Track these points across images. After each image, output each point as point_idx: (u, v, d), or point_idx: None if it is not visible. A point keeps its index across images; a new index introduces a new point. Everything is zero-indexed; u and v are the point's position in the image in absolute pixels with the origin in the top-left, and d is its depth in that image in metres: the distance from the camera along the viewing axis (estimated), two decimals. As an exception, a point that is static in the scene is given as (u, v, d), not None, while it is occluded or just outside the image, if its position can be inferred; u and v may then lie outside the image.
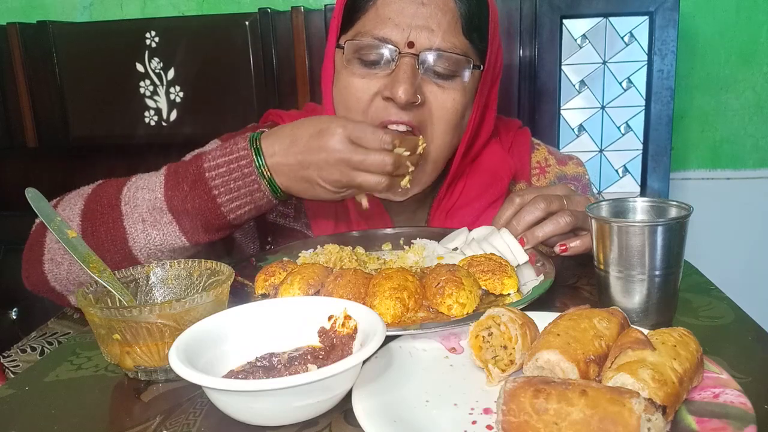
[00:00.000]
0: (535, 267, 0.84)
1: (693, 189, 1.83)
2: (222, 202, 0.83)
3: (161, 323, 0.61)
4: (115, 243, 0.84)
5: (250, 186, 0.83)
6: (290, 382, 0.50)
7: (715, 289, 0.81)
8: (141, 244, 0.84)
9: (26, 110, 1.81)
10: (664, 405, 0.47)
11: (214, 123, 1.75)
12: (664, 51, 1.53)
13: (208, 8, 1.85)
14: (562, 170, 1.16)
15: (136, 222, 0.84)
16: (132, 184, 0.88)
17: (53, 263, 0.88)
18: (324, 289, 0.72)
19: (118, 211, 0.85)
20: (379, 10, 0.92)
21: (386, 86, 0.91)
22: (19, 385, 0.64)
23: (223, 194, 0.83)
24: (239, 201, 0.84)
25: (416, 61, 0.91)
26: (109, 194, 0.88)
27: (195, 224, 0.84)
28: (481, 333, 0.59)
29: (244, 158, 0.83)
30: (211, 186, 0.83)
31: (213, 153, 0.85)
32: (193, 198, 0.83)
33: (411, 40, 0.91)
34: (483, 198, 1.06)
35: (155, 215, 0.84)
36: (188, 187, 0.83)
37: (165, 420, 0.56)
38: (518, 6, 1.56)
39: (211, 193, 0.83)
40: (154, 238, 0.84)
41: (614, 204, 0.75)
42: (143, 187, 0.86)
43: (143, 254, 0.85)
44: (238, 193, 0.83)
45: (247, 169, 0.83)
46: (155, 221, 0.84)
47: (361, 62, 0.93)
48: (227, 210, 0.84)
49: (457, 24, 0.93)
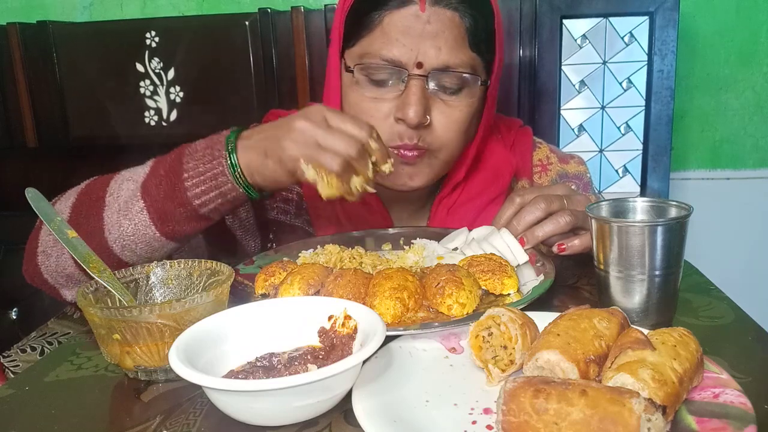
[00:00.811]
0: (535, 267, 0.84)
1: (693, 189, 1.83)
2: (188, 186, 0.80)
3: (161, 323, 0.61)
4: (93, 234, 0.83)
5: (215, 169, 0.80)
6: (290, 382, 0.50)
7: (715, 289, 0.81)
8: (115, 235, 0.83)
9: (26, 110, 1.81)
10: (664, 405, 0.47)
11: (214, 123, 1.73)
12: (664, 51, 1.53)
13: (208, 8, 1.85)
14: (563, 168, 1.17)
15: (113, 213, 0.83)
16: (121, 175, 0.87)
17: (44, 255, 0.88)
18: (324, 289, 0.72)
19: (102, 203, 0.84)
20: (385, 29, 0.92)
21: (398, 108, 0.93)
22: (19, 385, 0.64)
23: (191, 177, 0.80)
24: (204, 186, 0.80)
25: (425, 81, 0.92)
26: (98, 187, 0.87)
27: (163, 211, 0.81)
28: (481, 333, 0.59)
29: (218, 143, 0.81)
30: (183, 168, 0.81)
31: (198, 142, 0.84)
32: (165, 183, 0.81)
33: (419, 61, 0.91)
34: (485, 194, 1.07)
35: (129, 204, 0.82)
36: (164, 171, 0.82)
37: (165, 420, 0.56)
38: (518, 6, 1.56)
39: (181, 176, 0.81)
40: (126, 228, 0.82)
41: (614, 204, 0.75)
42: (128, 178, 0.85)
43: (118, 246, 0.83)
44: (203, 177, 0.80)
45: (217, 152, 0.80)
46: (128, 210, 0.82)
47: (370, 82, 0.94)
48: (192, 195, 0.80)
49: (464, 39, 0.93)
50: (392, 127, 0.94)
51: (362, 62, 0.94)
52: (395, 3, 0.91)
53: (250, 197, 0.82)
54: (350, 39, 0.97)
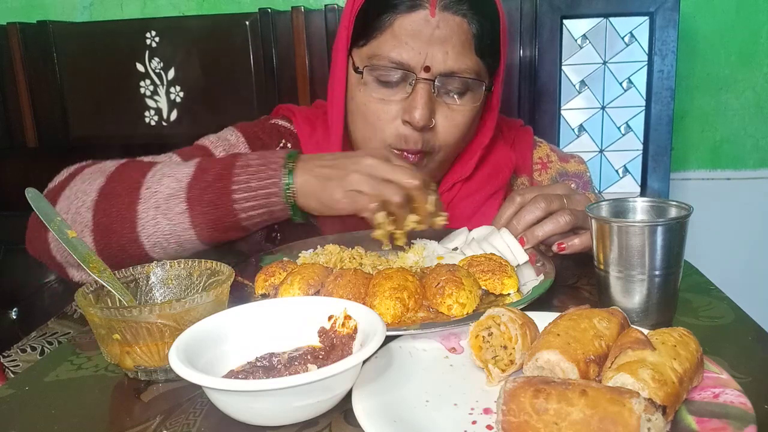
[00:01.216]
0: (535, 267, 0.84)
1: (693, 189, 1.83)
2: (236, 199, 0.82)
3: (161, 323, 0.61)
4: (123, 225, 0.83)
5: (269, 188, 0.82)
6: (290, 382, 0.50)
7: (715, 289, 0.81)
8: (149, 231, 0.83)
9: (26, 110, 1.81)
10: (664, 405, 0.47)
11: (214, 123, 1.73)
12: (665, 51, 1.53)
13: (208, 8, 1.85)
14: (563, 167, 1.18)
15: (149, 208, 0.83)
16: (158, 170, 0.87)
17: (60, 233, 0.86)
18: (324, 289, 0.72)
19: (136, 194, 0.84)
20: (395, 32, 0.94)
21: (404, 110, 0.95)
22: (19, 385, 0.64)
23: (241, 191, 0.82)
24: (254, 201, 0.82)
25: (432, 85, 0.94)
26: (131, 176, 0.86)
27: (206, 217, 0.83)
28: (481, 333, 0.59)
29: (274, 162, 0.83)
30: (234, 180, 0.82)
31: (249, 154, 0.86)
32: (213, 190, 0.82)
33: (427, 65, 0.93)
34: (484, 190, 1.08)
35: (170, 203, 0.83)
36: (212, 178, 0.83)
37: (165, 420, 0.56)
38: (518, 6, 1.56)
39: (230, 187, 0.82)
40: (163, 226, 0.83)
41: (614, 204, 0.75)
42: (169, 175, 0.85)
43: (149, 242, 0.84)
44: (255, 193, 0.82)
45: (272, 171, 0.82)
46: (168, 209, 0.83)
47: (378, 83, 0.96)
48: (240, 208, 0.82)
49: (470, 45, 0.95)
50: (398, 129, 0.96)
51: (371, 63, 0.96)
52: (405, 7, 0.93)
53: (292, 219, 0.85)
54: (359, 39, 0.99)
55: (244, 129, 1.09)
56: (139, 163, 0.91)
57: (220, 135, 1.08)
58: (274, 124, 1.13)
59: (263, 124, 1.13)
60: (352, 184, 0.81)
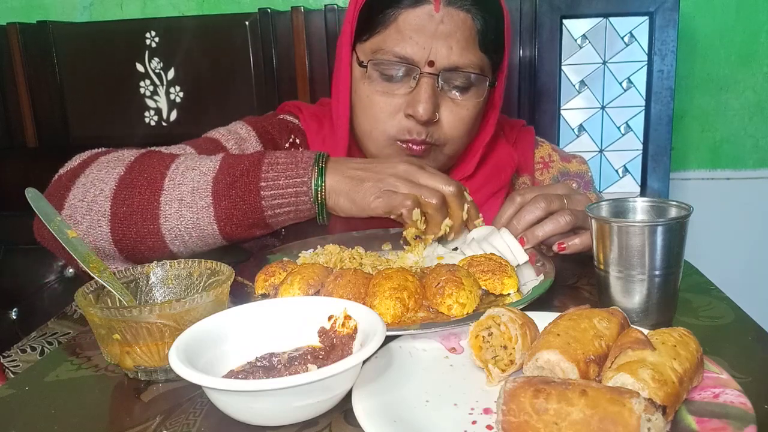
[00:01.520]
0: (535, 267, 0.84)
1: (693, 189, 1.83)
2: (264, 196, 0.81)
3: (161, 323, 0.61)
4: (144, 216, 0.82)
5: (298, 187, 0.82)
6: (290, 382, 0.50)
7: (715, 289, 0.81)
8: (172, 223, 0.82)
9: (26, 110, 1.81)
10: (664, 405, 0.47)
11: (214, 123, 1.73)
12: (664, 51, 1.53)
13: (208, 8, 1.85)
14: (565, 166, 1.18)
15: (172, 200, 0.82)
16: (181, 162, 0.86)
17: (72, 220, 0.84)
18: (324, 289, 0.72)
19: (158, 185, 0.83)
20: (400, 27, 0.94)
21: (408, 104, 0.95)
22: (19, 385, 0.64)
23: (269, 188, 0.81)
24: (282, 199, 0.82)
25: (436, 80, 0.95)
26: (153, 167, 0.85)
27: (231, 213, 0.82)
28: (481, 333, 0.59)
29: (303, 161, 0.83)
30: (261, 177, 0.82)
31: (278, 153, 0.85)
32: (240, 185, 0.82)
33: (431, 59, 0.94)
34: (486, 188, 1.09)
35: (195, 196, 0.82)
36: (239, 173, 0.82)
37: (165, 420, 0.56)
38: (518, 6, 1.56)
39: (258, 183, 0.81)
40: (186, 219, 0.82)
41: (614, 204, 0.75)
42: (193, 168, 0.84)
43: (171, 234, 0.83)
44: (283, 191, 0.82)
45: (302, 170, 0.82)
46: (193, 202, 0.82)
47: (382, 77, 0.97)
48: (267, 205, 0.82)
49: (474, 40, 0.96)
50: (401, 122, 0.97)
51: (375, 58, 0.96)
52: (410, 1, 0.94)
53: (317, 220, 0.86)
54: (363, 34, 0.99)
55: (254, 123, 1.09)
56: (160, 153, 0.90)
57: (230, 128, 1.08)
58: (283, 119, 1.13)
59: (272, 119, 1.13)
60: (388, 185, 0.81)
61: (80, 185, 0.86)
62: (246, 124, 1.09)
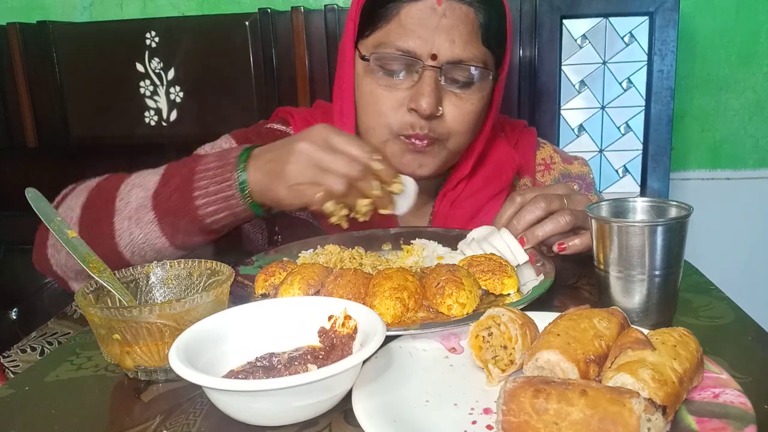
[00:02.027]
0: (535, 267, 0.84)
1: (693, 189, 1.83)
2: (199, 205, 0.82)
3: (161, 323, 0.61)
4: (104, 238, 0.84)
5: (226, 191, 0.81)
6: (290, 382, 0.50)
7: (715, 289, 0.81)
8: (126, 241, 0.84)
9: (26, 110, 1.81)
10: (664, 405, 0.47)
11: (214, 123, 1.75)
12: (664, 51, 1.53)
13: (208, 8, 1.85)
14: (566, 168, 1.18)
15: (123, 219, 0.84)
16: (130, 180, 0.88)
17: (54, 249, 0.90)
18: (324, 289, 0.72)
19: (112, 207, 0.85)
20: (402, 21, 0.94)
21: (411, 98, 0.95)
22: (19, 385, 0.64)
23: (202, 196, 0.82)
24: (215, 206, 0.82)
25: (438, 73, 0.94)
26: (108, 189, 0.88)
27: (175, 225, 0.83)
28: (481, 333, 0.59)
29: (229, 163, 0.82)
30: (194, 186, 0.82)
31: (209, 156, 0.85)
32: (176, 198, 0.82)
33: (434, 53, 0.93)
34: (487, 190, 1.09)
35: (140, 213, 0.83)
36: (175, 186, 0.83)
37: (165, 420, 0.56)
38: (518, 6, 1.56)
39: (192, 194, 0.82)
40: (136, 236, 0.84)
41: (614, 204, 0.75)
42: (138, 185, 0.86)
43: (128, 252, 0.85)
44: (215, 197, 0.81)
45: (228, 173, 0.81)
46: (139, 219, 0.83)
47: (384, 72, 0.97)
48: (204, 213, 0.82)
49: (477, 33, 0.95)
50: (404, 117, 0.96)
51: (378, 51, 0.96)
52: None
53: (256, 215, 0.84)
54: (365, 30, 0.99)
55: (239, 136, 1.10)
56: (118, 175, 0.92)
57: (215, 143, 1.08)
58: (270, 128, 1.13)
59: (258, 129, 1.13)
60: (291, 177, 0.78)
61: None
62: (231, 138, 1.09)
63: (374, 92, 0.98)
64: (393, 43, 0.94)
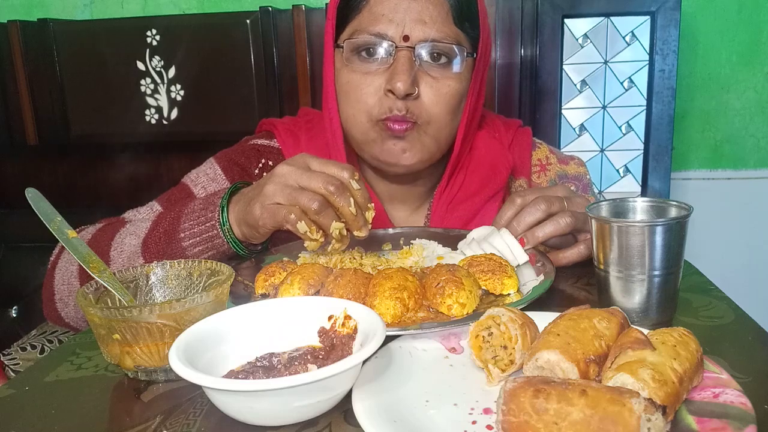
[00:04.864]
0: (535, 267, 0.84)
1: (693, 189, 1.83)
2: (186, 246, 0.87)
3: (161, 323, 0.61)
4: None
5: (209, 231, 0.86)
6: (290, 382, 0.50)
7: (715, 289, 0.81)
8: None
9: (26, 108, 1.81)
10: (664, 405, 0.47)
11: (214, 121, 1.75)
12: (666, 51, 1.53)
13: (209, 6, 1.85)
14: (563, 169, 1.17)
15: (117, 268, 0.89)
16: (125, 230, 0.93)
17: (62, 303, 0.95)
18: (324, 289, 0.72)
19: (107, 258, 0.91)
20: (372, 9, 0.96)
21: (387, 80, 0.95)
22: (19, 385, 0.64)
23: (187, 237, 0.87)
24: (201, 246, 0.88)
25: (412, 53, 0.95)
26: (103, 240, 0.93)
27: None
28: (481, 333, 0.59)
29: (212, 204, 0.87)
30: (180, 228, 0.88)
31: (197, 201, 0.89)
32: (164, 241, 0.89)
33: (406, 34, 0.94)
34: (483, 192, 1.08)
35: (132, 260, 0.89)
36: (163, 230, 0.89)
37: (165, 420, 0.56)
38: (519, 5, 1.56)
39: (178, 235, 0.88)
40: None
41: (614, 204, 0.75)
42: (132, 233, 0.92)
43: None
44: (199, 238, 0.87)
45: (210, 213, 0.87)
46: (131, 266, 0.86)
47: (359, 59, 0.97)
48: (191, 254, 0.88)
49: (448, 15, 0.96)
50: (382, 101, 0.96)
51: (351, 38, 0.97)
52: None
53: (240, 253, 0.89)
54: (341, 26, 1.00)
55: (221, 159, 1.11)
56: (113, 225, 0.97)
57: (200, 169, 1.10)
58: (253, 145, 1.14)
59: (242, 146, 1.14)
60: (268, 197, 0.79)
61: (58, 270, 0.97)
62: (214, 162, 1.10)
63: (351, 81, 0.98)
64: (365, 28, 0.96)
